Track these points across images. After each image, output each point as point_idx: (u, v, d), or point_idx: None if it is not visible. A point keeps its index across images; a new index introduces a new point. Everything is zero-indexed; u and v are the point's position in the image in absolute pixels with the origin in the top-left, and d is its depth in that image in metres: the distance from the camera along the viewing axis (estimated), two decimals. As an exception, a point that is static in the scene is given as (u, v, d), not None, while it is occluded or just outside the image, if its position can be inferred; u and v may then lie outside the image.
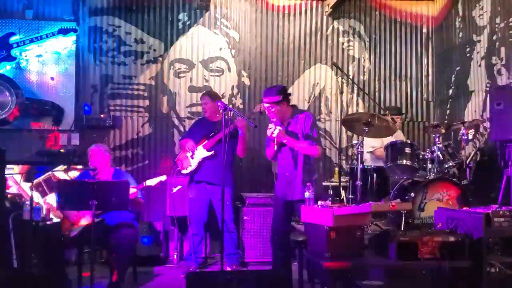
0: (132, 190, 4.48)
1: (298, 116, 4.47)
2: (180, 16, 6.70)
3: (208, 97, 5.48)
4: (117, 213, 4.59)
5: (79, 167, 5.62)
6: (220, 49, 6.75)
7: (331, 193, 6.09)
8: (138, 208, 4.93)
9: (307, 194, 4.05)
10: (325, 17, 6.93)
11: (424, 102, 7.09)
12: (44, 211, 4.61)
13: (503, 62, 5.60)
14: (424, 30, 7.11)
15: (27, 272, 4.49)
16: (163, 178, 4.95)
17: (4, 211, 4.49)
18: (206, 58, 6.73)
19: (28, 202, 4.34)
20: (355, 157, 5.19)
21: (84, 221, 4.51)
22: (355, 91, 6.95)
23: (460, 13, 6.43)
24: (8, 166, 4.64)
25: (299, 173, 4.39)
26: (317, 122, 6.82)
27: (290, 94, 4.53)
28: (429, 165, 5.19)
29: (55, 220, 4.61)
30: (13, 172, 5.01)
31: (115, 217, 4.61)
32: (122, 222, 4.63)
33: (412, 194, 4.91)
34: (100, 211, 4.34)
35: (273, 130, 4.32)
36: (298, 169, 4.40)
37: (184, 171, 5.46)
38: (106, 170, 4.86)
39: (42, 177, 5.23)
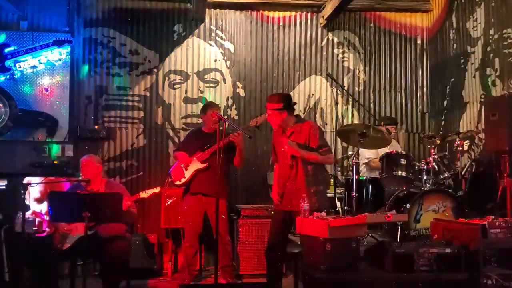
0: (125, 202, 4.44)
1: (302, 125, 4.42)
2: (175, 28, 6.70)
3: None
4: (110, 225, 4.54)
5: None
6: (215, 60, 6.75)
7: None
8: (132, 220, 4.89)
9: (303, 205, 4.03)
10: (320, 29, 6.95)
11: (419, 114, 7.09)
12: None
13: (498, 73, 5.62)
14: (419, 42, 7.14)
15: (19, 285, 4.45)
16: (157, 190, 4.92)
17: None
18: (201, 69, 6.72)
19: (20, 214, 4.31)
20: (351, 168, 5.18)
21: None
22: (350, 102, 6.95)
23: (454, 24, 6.46)
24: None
25: (300, 183, 4.34)
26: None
27: (294, 103, 4.49)
28: (425, 176, 5.19)
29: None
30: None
31: (108, 229, 4.56)
32: (115, 234, 4.58)
33: (408, 206, 4.89)
34: (93, 223, 4.30)
35: (286, 144, 4.30)
36: (298, 179, 4.35)
37: (177, 183, 5.43)
38: (98, 181, 4.82)
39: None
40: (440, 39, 6.81)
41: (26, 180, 4.91)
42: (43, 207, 5.34)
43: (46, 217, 5.08)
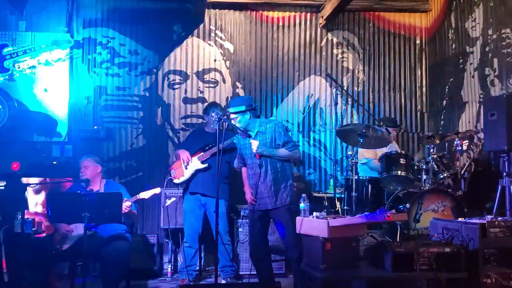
0: (125, 203, 4.45)
1: (266, 126, 4.52)
2: (175, 28, 6.69)
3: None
4: (110, 225, 4.55)
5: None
6: (215, 60, 6.75)
7: (326, 204, 6.08)
8: (132, 220, 4.89)
9: (302, 205, 4.04)
10: (319, 29, 6.95)
11: (418, 113, 7.10)
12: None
13: (496, 73, 5.63)
14: (418, 42, 7.14)
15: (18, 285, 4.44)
16: (157, 190, 4.92)
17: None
18: (200, 69, 6.72)
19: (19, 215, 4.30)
20: (350, 168, 5.18)
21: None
22: (350, 102, 6.95)
23: (453, 24, 6.47)
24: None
25: (270, 181, 4.42)
26: (311, 132, 6.84)
27: (255, 105, 4.59)
28: (424, 176, 5.20)
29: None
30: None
31: (108, 230, 4.56)
32: (115, 234, 4.58)
33: (408, 205, 4.89)
34: (92, 224, 4.29)
35: (253, 145, 4.39)
36: (268, 177, 4.43)
37: (176, 181, 5.45)
38: (97, 181, 4.83)
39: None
40: (439, 39, 6.82)
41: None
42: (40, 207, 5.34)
43: (38, 218, 5.08)
